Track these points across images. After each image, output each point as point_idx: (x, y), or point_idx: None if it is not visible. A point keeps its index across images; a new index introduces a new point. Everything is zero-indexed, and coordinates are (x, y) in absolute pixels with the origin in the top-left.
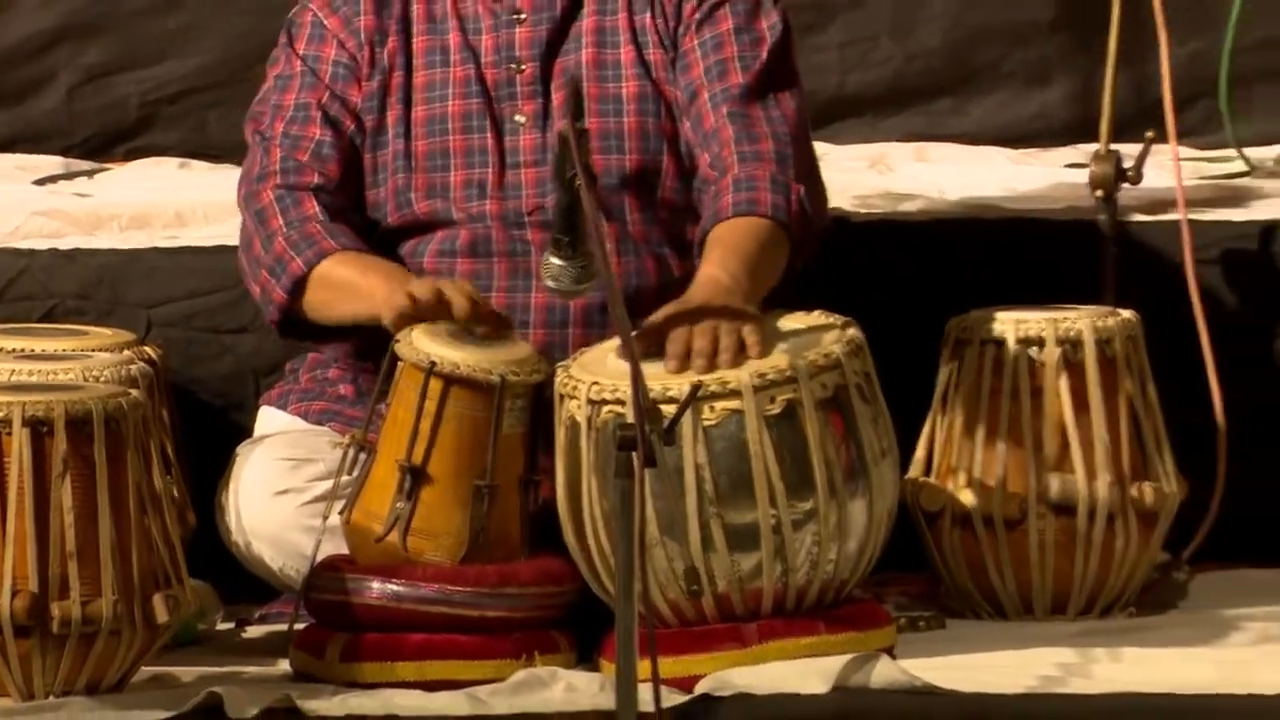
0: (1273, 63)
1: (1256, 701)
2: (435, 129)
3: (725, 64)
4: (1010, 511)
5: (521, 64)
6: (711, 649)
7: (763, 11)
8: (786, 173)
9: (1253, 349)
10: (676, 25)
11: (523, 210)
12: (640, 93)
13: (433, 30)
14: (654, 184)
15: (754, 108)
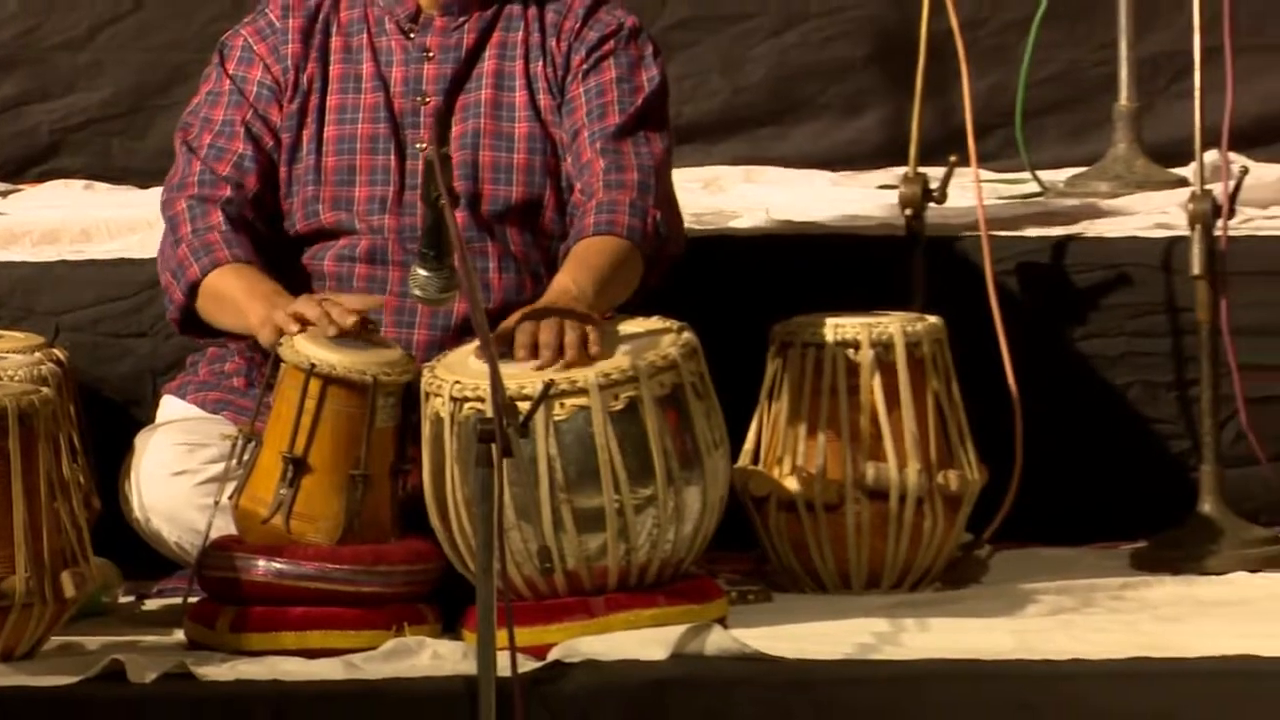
0: (1061, 95)
1: (1049, 666)
2: (344, 147)
3: (605, 107)
4: (829, 496)
5: (426, 97)
6: (562, 620)
7: (643, 65)
8: (646, 200)
9: (1046, 351)
10: (565, 74)
11: (417, 227)
12: (530, 133)
13: (349, 60)
14: (536, 213)
15: (625, 144)
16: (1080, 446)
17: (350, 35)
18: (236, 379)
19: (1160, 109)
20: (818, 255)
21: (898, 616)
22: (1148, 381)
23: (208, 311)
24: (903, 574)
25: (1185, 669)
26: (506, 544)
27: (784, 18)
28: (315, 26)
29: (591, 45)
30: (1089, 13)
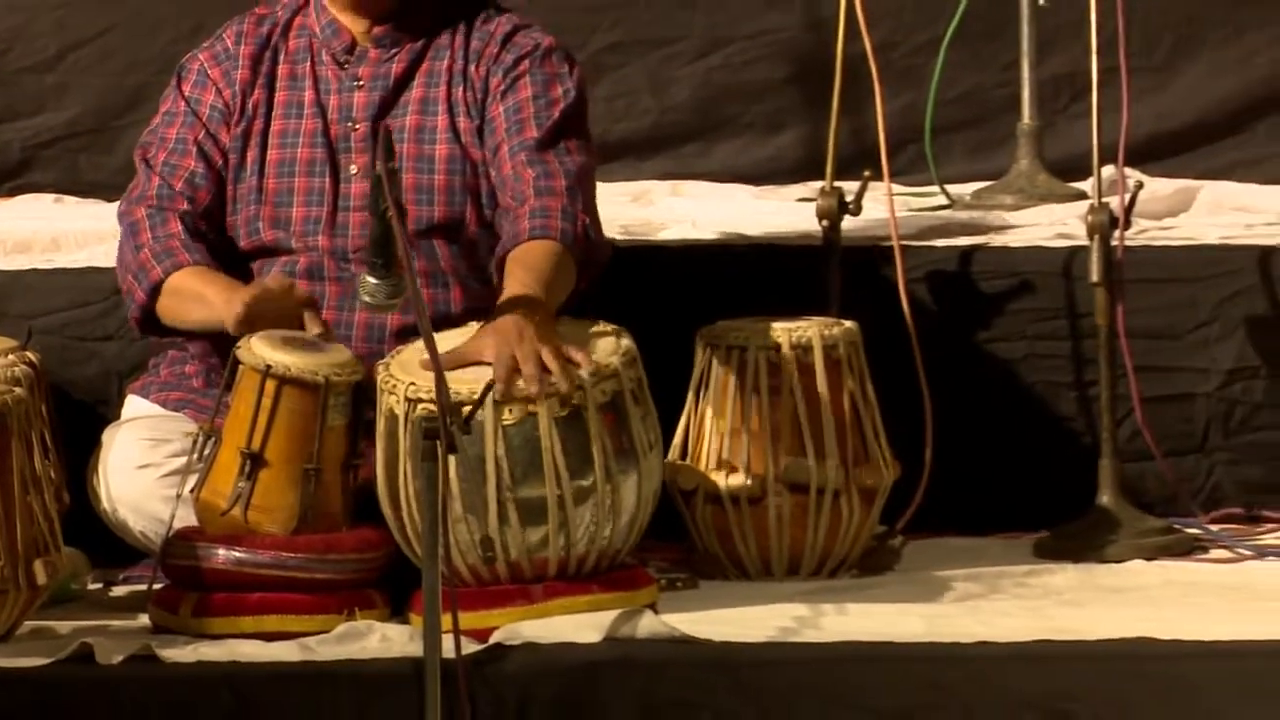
0: (967, 114)
1: (958, 648)
2: (284, 170)
3: (523, 122)
4: (753, 490)
5: (357, 123)
6: (504, 606)
7: (558, 79)
8: (575, 205)
9: (954, 353)
10: (485, 96)
11: (349, 248)
12: (450, 154)
13: (293, 87)
14: (459, 229)
15: (548, 154)
16: (987, 443)
17: (295, 63)
18: (196, 379)
19: (1060, 127)
20: (741, 264)
21: (816, 602)
22: (1050, 382)
23: (170, 310)
24: (821, 562)
25: (1085, 651)
26: (453, 534)
27: (708, 42)
28: (265, 54)
29: (508, 67)
30: (993, 37)
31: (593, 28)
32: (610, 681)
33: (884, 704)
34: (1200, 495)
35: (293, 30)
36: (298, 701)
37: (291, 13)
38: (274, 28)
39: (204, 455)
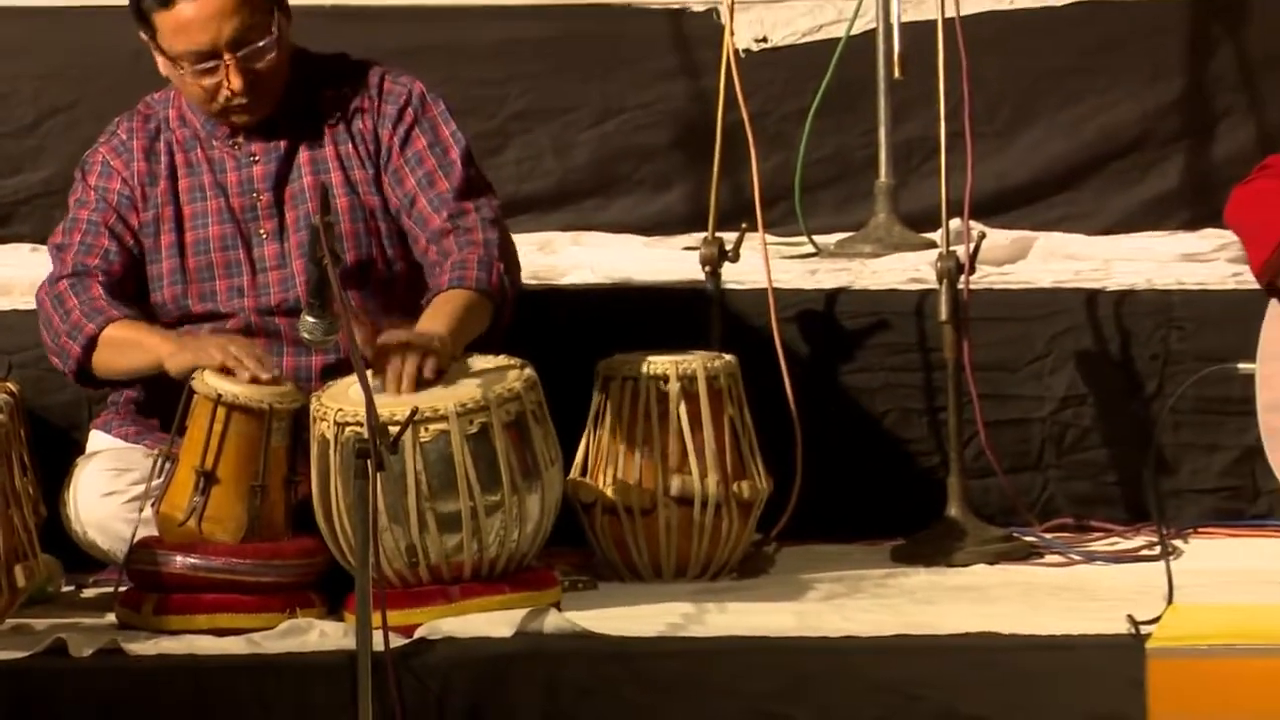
0: (832, 173)
1: (825, 641)
2: (200, 249)
3: (431, 175)
4: (644, 503)
5: (260, 193)
6: (426, 605)
7: (444, 122)
8: (492, 253)
9: (821, 383)
10: (377, 148)
11: (272, 304)
12: (350, 205)
13: (191, 173)
14: (369, 271)
15: (466, 204)
16: (850, 461)
17: (188, 150)
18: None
19: (913, 184)
20: (634, 305)
21: (701, 601)
22: (904, 408)
23: (105, 360)
24: (705, 566)
25: (937, 644)
26: (380, 542)
27: (603, 110)
28: (157, 146)
29: (393, 118)
30: (854, 105)
31: (503, 99)
32: (520, 671)
33: (760, 690)
34: (1036, 507)
35: (174, 121)
36: (246, 689)
37: (170, 105)
38: (159, 122)
39: (162, 474)
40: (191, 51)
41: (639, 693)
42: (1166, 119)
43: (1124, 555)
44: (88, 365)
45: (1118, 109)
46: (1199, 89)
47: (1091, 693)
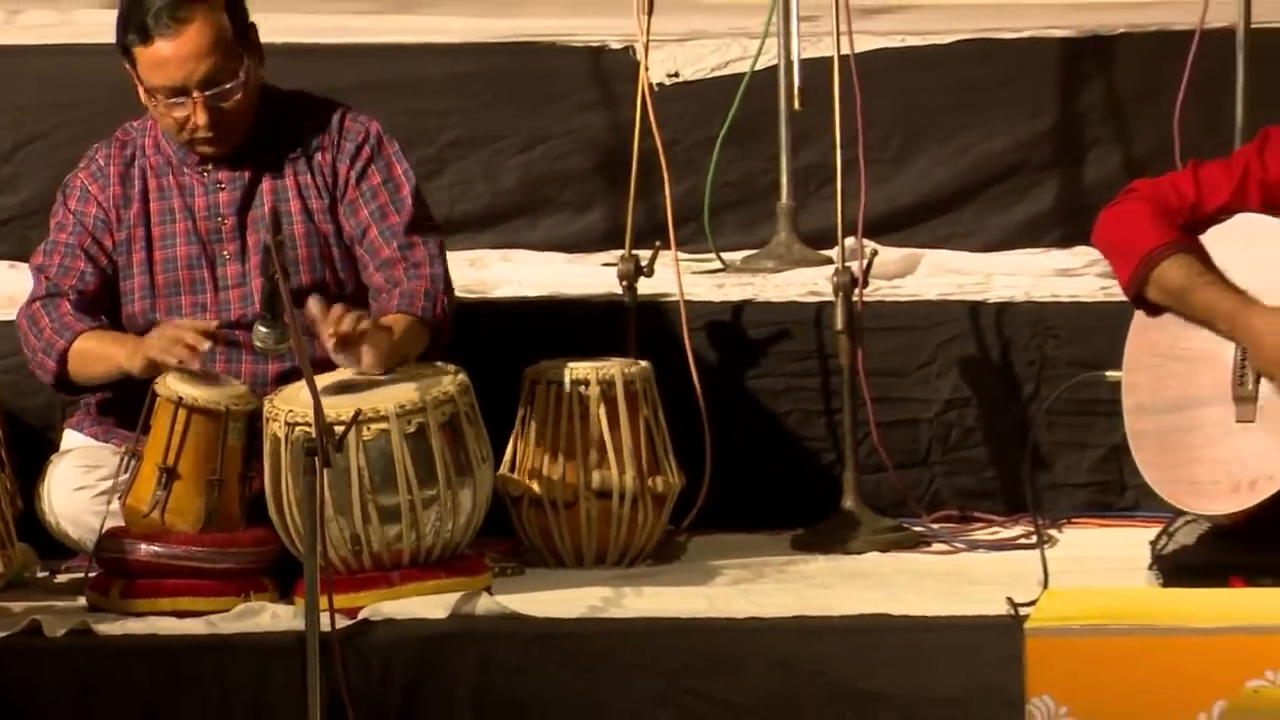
0: (738, 196)
1: (732, 622)
2: (169, 267)
3: (383, 209)
4: (567, 496)
5: (224, 218)
6: (369, 589)
7: (397, 160)
8: (438, 287)
9: (728, 386)
10: (334, 180)
11: (232, 318)
12: (306, 231)
13: (163, 197)
14: (322, 291)
15: (414, 238)
16: (754, 458)
17: (160, 176)
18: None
19: (812, 206)
20: (557, 316)
21: (619, 586)
22: (804, 410)
23: (78, 370)
24: (622, 554)
25: (834, 624)
26: (326, 532)
27: (530, 138)
28: (132, 172)
29: (351, 154)
30: (758, 135)
31: (439, 128)
32: (454, 650)
33: (674, 666)
34: (923, 500)
35: (149, 149)
36: (205, 667)
37: (147, 134)
38: (135, 149)
39: (128, 470)
40: (165, 86)
41: (563, 669)
42: (1041, 147)
43: (1003, 544)
44: (65, 376)
45: (997, 138)
46: (1071, 120)
47: (974, 669)
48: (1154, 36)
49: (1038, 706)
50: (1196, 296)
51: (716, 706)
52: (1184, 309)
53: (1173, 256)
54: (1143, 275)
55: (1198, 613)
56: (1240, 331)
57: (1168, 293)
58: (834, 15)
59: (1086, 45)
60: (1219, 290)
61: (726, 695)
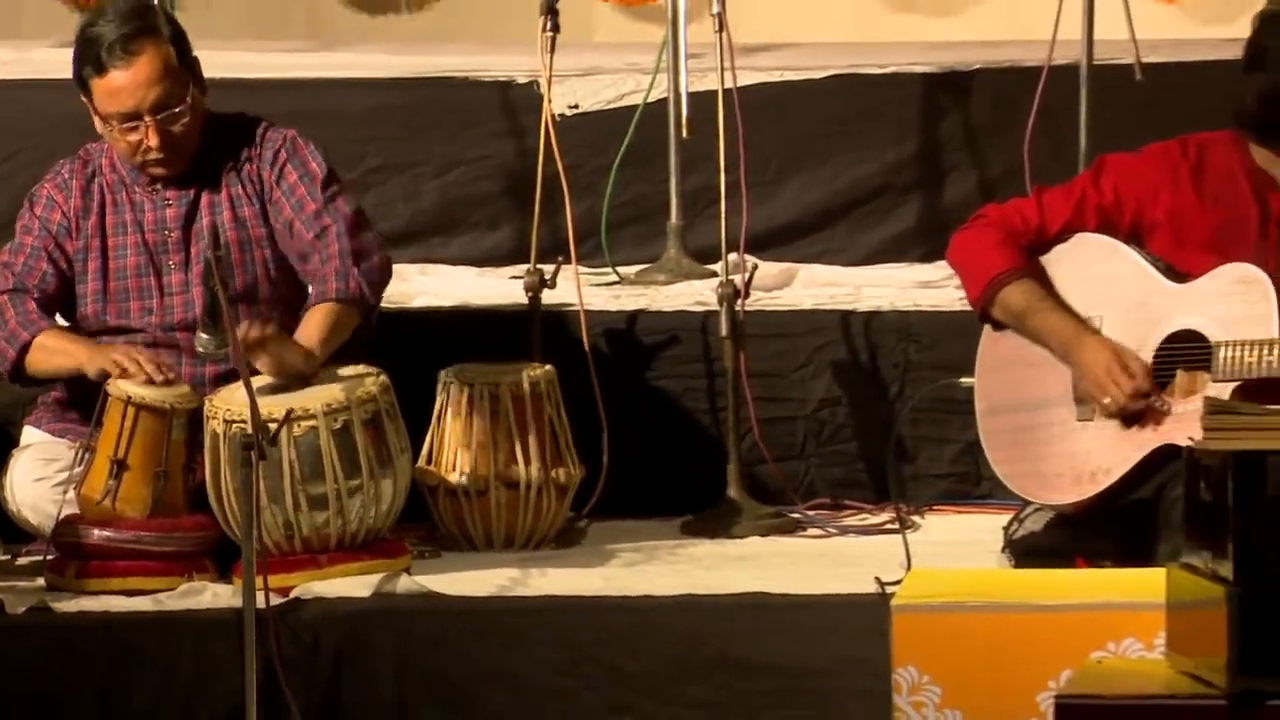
0: (632, 215)
1: (627, 600)
2: (120, 274)
3: (302, 200)
4: (478, 486)
5: (171, 231)
6: (300, 570)
7: (312, 158)
8: (347, 264)
9: (624, 387)
10: (260, 187)
11: (174, 321)
12: (239, 238)
13: (117, 212)
14: (255, 291)
15: (325, 219)
16: (647, 452)
17: (115, 192)
18: (73, 412)
19: (699, 225)
20: (471, 324)
21: (525, 567)
22: (692, 408)
23: (38, 362)
24: (528, 538)
25: (719, 601)
26: (261, 518)
27: (445, 164)
28: (92, 187)
29: (270, 160)
30: (650, 160)
31: (362, 155)
32: (377, 625)
33: (575, 640)
34: (799, 489)
35: (107, 168)
36: (152, 641)
37: (105, 155)
38: (95, 167)
39: (83, 462)
40: (119, 113)
41: (475, 643)
42: (905, 172)
43: (871, 529)
44: (22, 367)
45: (865, 164)
46: (931, 148)
47: (845, 642)
48: (1006, 72)
49: (902, 676)
50: (1035, 320)
51: (613, 675)
52: (1023, 330)
53: (1015, 282)
54: (988, 297)
55: (1046, 591)
56: (1071, 357)
57: (1010, 314)
58: (718, 53)
59: (945, 80)
60: (1056, 316)
61: (622, 665)
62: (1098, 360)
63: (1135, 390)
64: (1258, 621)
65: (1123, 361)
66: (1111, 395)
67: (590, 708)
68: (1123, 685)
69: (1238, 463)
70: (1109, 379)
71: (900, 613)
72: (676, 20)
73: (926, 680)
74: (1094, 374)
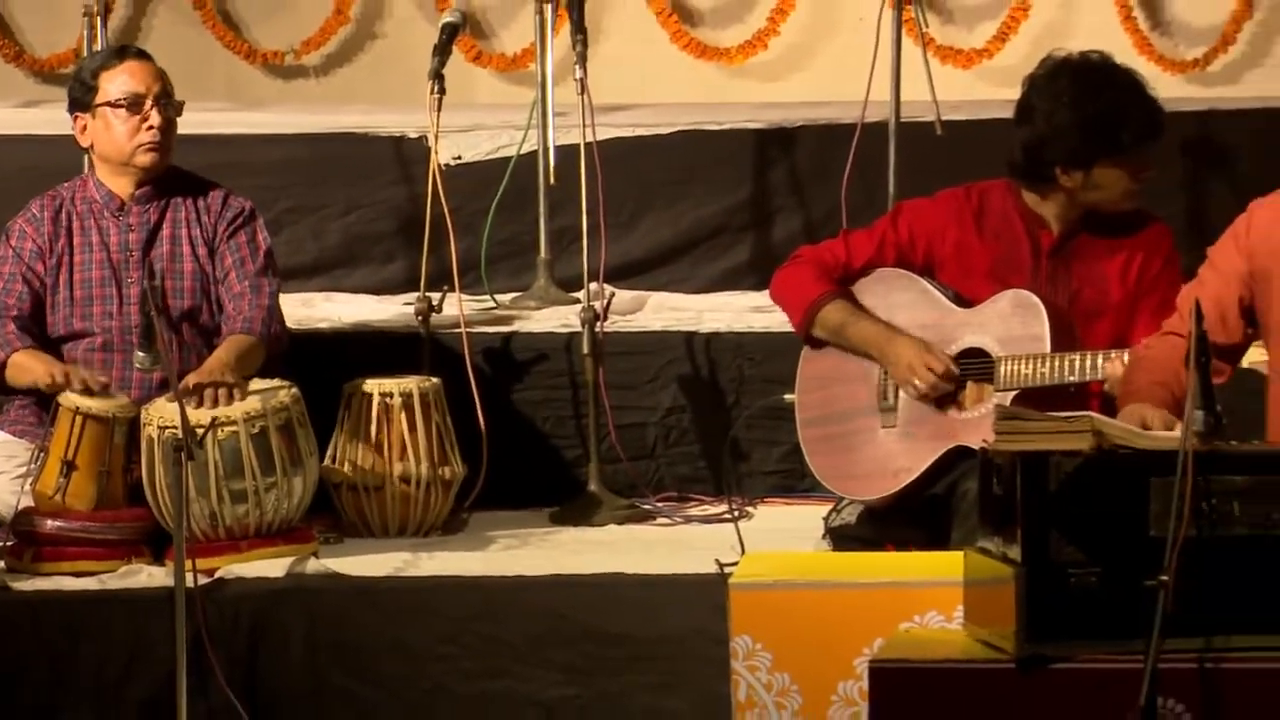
0: (506, 251)
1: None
2: (86, 285)
3: (244, 260)
4: (376, 482)
5: (131, 252)
6: (223, 554)
7: (260, 231)
8: (270, 319)
9: (500, 397)
10: (214, 237)
11: (131, 326)
12: (192, 270)
13: (84, 234)
14: (198, 315)
15: (261, 280)
16: (520, 453)
17: (84, 219)
18: (31, 416)
19: (564, 259)
20: (369, 344)
21: (417, 551)
22: (558, 415)
23: (11, 377)
24: (419, 527)
25: (581, 580)
26: (189, 510)
27: (346, 207)
28: (60, 216)
29: (229, 221)
30: (522, 204)
31: (277, 199)
32: (289, 601)
33: (459, 613)
34: (650, 484)
35: (77, 201)
36: (97, 615)
37: (74, 191)
38: (63, 201)
39: (38, 462)
40: (131, 93)
41: (373, 616)
42: (740, 214)
43: (712, 518)
44: (2, 380)
45: (706, 207)
46: (762, 193)
47: (690, 615)
48: (826, 129)
49: (739, 644)
50: (851, 331)
51: (490, 643)
52: (843, 342)
53: (831, 302)
54: (810, 318)
55: (860, 571)
56: (885, 356)
57: (829, 330)
58: (580, 112)
59: (773, 136)
60: (869, 323)
61: (498, 635)
62: (909, 352)
63: (944, 373)
64: (1041, 597)
65: (930, 351)
66: (921, 378)
67: (471, 672)
68: (927, 651)
69: (1024, 462)
70: (921, 365)
71: (736, 590)
72: (545, 84)
73: (759, 648)
74: (907, 362)
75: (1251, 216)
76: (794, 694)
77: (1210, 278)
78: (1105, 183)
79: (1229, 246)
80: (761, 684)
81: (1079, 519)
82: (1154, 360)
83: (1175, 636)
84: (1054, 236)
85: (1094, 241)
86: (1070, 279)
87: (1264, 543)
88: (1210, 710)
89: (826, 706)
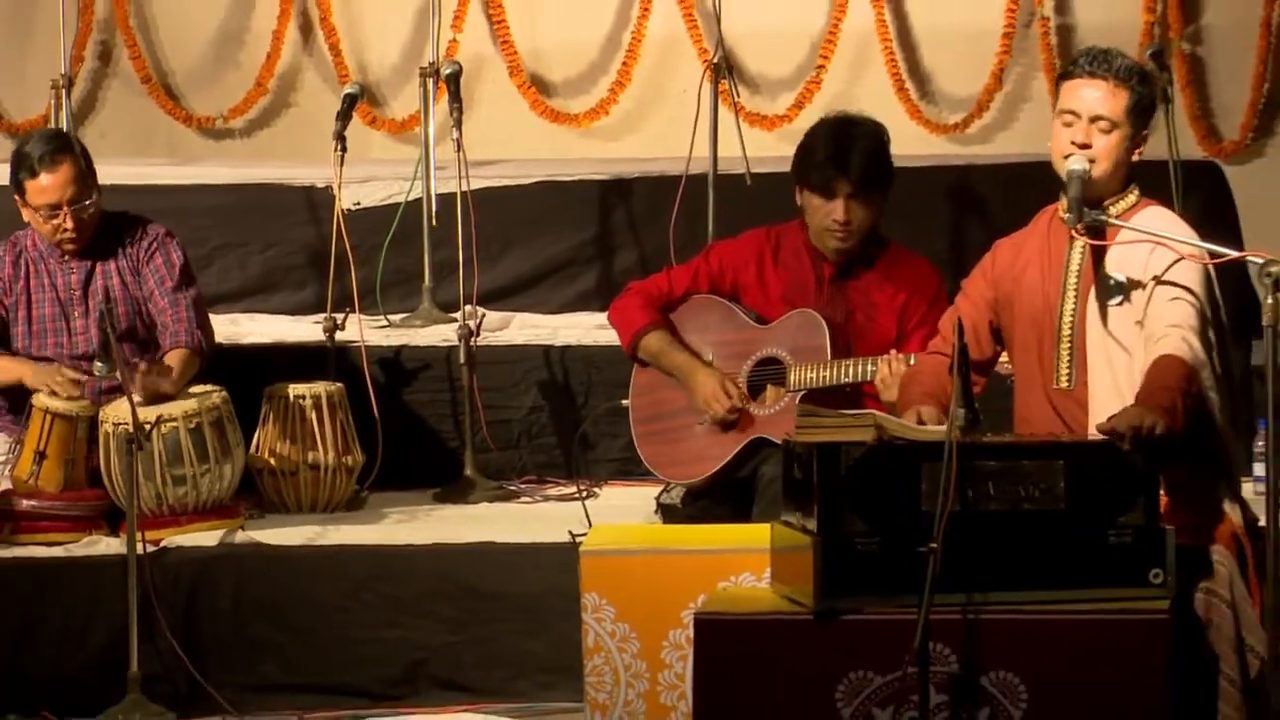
0: (398, 279)
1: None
2: (41, 322)
3: (163, 278)
4: (291, 467)
5: (75, 291)
6: (166, 527)
7: (174, 248)
8: (194, 330)
9: (393, 400)
10: (137, 265)
11: (78, 353)
12: (125, 296)
13: (37, 277)
14: (135, 335)
15: (180, 296)
16: (409, 444)
17: (37, 264)
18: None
19: (445, 286)
20: (287, 356)
21: (325, 525)
22: (441, 414)
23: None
24: (326, 505)
25: (460, 549)
26: (138, 492)
27: (266, 244)
28: (20, 260)
29: (146, 247)
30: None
31: (209, 238)
32: (221, 566)
33: (362, 576)
34: (516, 470)
35: (30, 248)
36: (65, 578)
37: (29, 238)
38: (21, 247)
39: (13, 453)
40: (46, 204)
41: (291, 578)
42: (587, 249)
43: (566, 497)
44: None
45: (559, 243)
46: (605, 232)
47: (548, 576)
48: (657, 179)
49: (588, 600)
50: (665, 359)
51: (386, 600)
52: (659, 366)
53: (652, 332)
54: (634, 344)
55: (686, 540)
56: (690, 384)
57: (649, 355)
58: (457, 166)
59: (614, 185)
60: (679, 355)
61: (392, 592)
62: (706, 386)
63: (730, 408)
64: (833, 561)
65: (724, 386)
66: (714, 409)
67: (370, 622)
68: (741, 605)
69: (820, 451)
70: (714, 398)
71: (585, 556)
72: (428, 143)
73: (605, 603)
74: (704, 395)
75: (996, 252)
76: (633, 640)
77: (964, 305)
78: (809, 208)
79: (978, 278)
80: (606, 632)
81: (864, 497)
82: (923, 374)
83: (943, 593)
84: (832, 268)
85: (868, 274)
86: (847, 303)
87: (1013, 517)
88: (971, 652)
89: (659, 651)
